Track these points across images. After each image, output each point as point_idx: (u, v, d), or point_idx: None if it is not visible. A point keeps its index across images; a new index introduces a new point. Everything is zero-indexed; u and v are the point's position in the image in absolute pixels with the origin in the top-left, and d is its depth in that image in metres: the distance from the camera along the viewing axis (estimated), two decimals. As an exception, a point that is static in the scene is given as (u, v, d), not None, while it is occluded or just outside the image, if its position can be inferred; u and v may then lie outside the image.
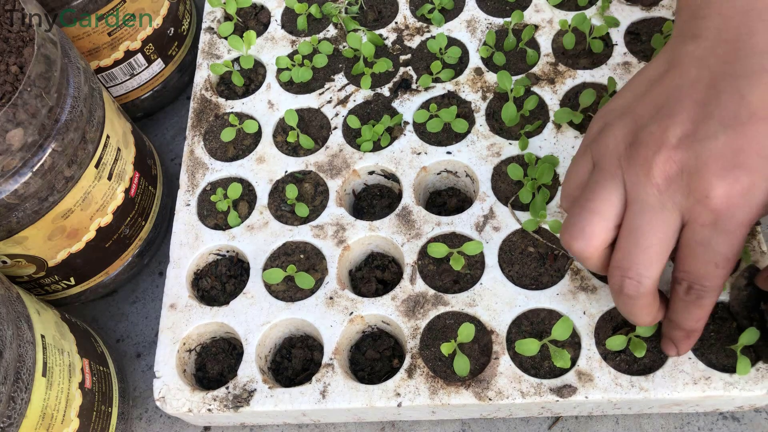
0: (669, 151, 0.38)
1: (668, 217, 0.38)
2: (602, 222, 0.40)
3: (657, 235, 0.39)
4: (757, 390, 0.45)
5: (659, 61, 0.43)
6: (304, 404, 0.49)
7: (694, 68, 0.40)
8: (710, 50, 0.40)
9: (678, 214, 0.38)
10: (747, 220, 0.37)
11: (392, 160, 0.57)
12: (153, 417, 0.60)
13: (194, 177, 0.59)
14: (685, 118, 0.38)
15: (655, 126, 0.39)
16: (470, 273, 0.52)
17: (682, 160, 0.38)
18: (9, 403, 0.42)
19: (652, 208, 0.39)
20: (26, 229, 0.50)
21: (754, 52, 0.38)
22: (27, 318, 0.46)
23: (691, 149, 0.37)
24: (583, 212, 0.41)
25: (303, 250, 0.55)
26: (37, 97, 0.45)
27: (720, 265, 0.38)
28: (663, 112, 0.39)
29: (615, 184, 0.40)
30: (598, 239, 0.40)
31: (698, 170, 0.37)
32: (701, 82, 0.39)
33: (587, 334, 0.48)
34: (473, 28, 0.62)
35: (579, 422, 0.54)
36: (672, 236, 0.39)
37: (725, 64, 0.39)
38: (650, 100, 0.41)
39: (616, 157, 0.40)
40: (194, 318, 0.53)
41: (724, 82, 0.38)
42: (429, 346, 0.50)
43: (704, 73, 0.39)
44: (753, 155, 0.36)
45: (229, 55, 0.65)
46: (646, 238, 0.39)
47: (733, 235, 0.37)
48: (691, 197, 0.37)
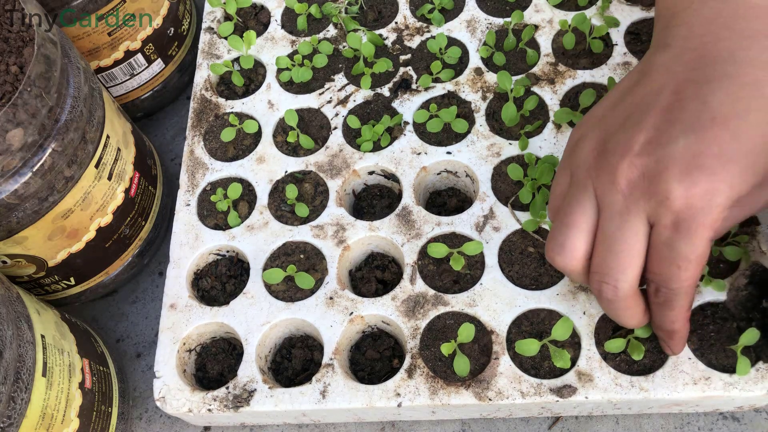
0: (632, 158, 0.39)
1: (635, 222, 0.39)
2: (579, 235, 0.41)
3: (627, 241, 0.39)
4: (757, 390, 0.45)
5: (633, 72, 0.44)
6: (304, 404, 0.49)
7: (662, 76, 0.41)
8: (676, 58, 0.41)
9: (644, 218, 0.39)
10: (708, 222, 0.37)
11: (392, 160, 0.57)
12: (153, 417, 0.60)
13: (194, 177, 0.59)
14: (649, 125, 0.39)
15: (621, 135, 0.40)
16: (470, 273, 0.52)
17: (643, 165, 0.38)
18: (9, 403, 0.42)
19: (620, 214, 0.39)
20: (26, 229, 0.50)
21: (717, 59, 0.39)
22: (27, 318, 0.46)
23: (653, 154, 0.38)
24: (561, 227, 0.42)
25: (303, 250, 0.55)
26: (37, 97, 0.45)
27: (682, 267, 0.38)
28: (630, 121, 0.40)
29: (587, 195, 0.41)
30: (578, 252, 0.42)
31: (658, 174, 0.38)
32: (667, 89, 0.40)
33: (587, 335, 0.48)
34: (473, 28, 0.62)
35: (579, 422, 0.54)
36: (642, 240, 0.39)
37: (690, 71, 0.40)
38: (620, 111, 0.42)
39: (587, 168, 0.41)
40: (194, 318, 0.53)
41: (688, 88, 0.39)
42: (429, 346, 0.50)
43: (670, 80, 0.40)
44: (712, 158, 0.36)
45: (229, 55, 0.65)
46: (618, 244, 0.40)
47: (694, 237, 0.37)
48: (652, 200, 0.38)
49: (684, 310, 0.42)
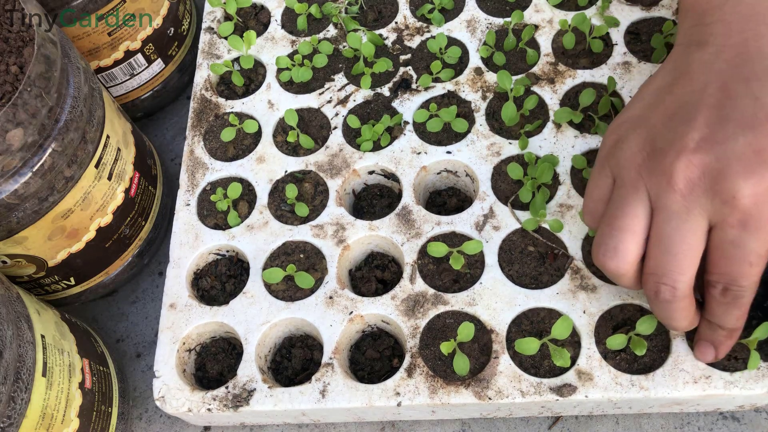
0: (689, 156, 0.38)
1: (695, 222, 0.39)
2: (633, 238, 0.41)
3: (686, 241, 0.39)
4: (757, 389, 0.45)
5: (666, 70, 0.43)
6: (304, 404, 0.49)
7: (704, 74, 0.40)
8: (717, 56, 0.40)
9: (705, 217, 0.38)
10: None
11: (392, 160, 0.57)
12: (153, 417, 0.60)
13: (194, 177, 0.59)
14: (701, 123, 0.39)
15: (671, 133, 0.39)
16: (470, 272, 0.52)
17: (703, 163, 0.38)
18: (9, 403, 0.42)
19: (678, 215, 0.39)
20: (26, 229, 0.50)
21: (762, 55, 0.39)
22: (27, 318, 0.46)
23: (711, 152, 0.38)
24: (612, 231, 0.41)
25: (303, 250, 0.55)
26: (37, 97, 0.45)
27: (754, 263, 0.38)
28: (678, 120, 0.40)
29: (639, 196, 0.40)
30: (631, 255, 0.41)
31: (721, 172, 0.37)
32: (712, 86, 0.39)
33: (587, 334, 0.48)
34: (473, 28, 0.62)
35: (579, 422, 0.54)
36: (701, 240, 0.39)
37: (735, 68, 0.39)
38: (663, 109, 0.41)
39: (636, 169, 0.41)
40: (194, 318, 0.53)
41: (737, 85, 0.39)
42: (429, 345, 0.50)
43: (714, 78, 0.40)
44: None
45: (229, 55, 0.65)
46: (676, 245, 0.39)
47: (764, 233, 0.37)
48: (716, 199, 0.38)
49: (748, 306, 0.41)
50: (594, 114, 0.56)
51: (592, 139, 0.55)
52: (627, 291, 0.49)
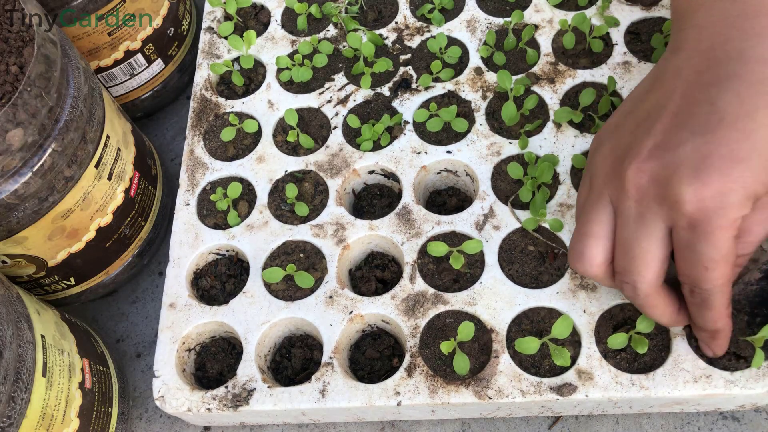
0: (639, 163, 0.39)
1: (650, 226, 0.39)
2: (597, 243, 0.42)
3: (641, 245, 0.40)
4: (758, 388, 0.45)
5: (647, 78, 0.44)
6: (304, 403, 0.49)
7: (672, 81, 0.41)
8: (686, 61, 0.41)
9: (661, 221, 0.39)
10: (725, 223, 0.37)
11: (392, 160, 0.57)
12: (153, 417, 0.60)
13: (194, 176, 0.59)
14: (658, 130, 0.39)
15: (633, 141, 0.41)
16: (470, 272, 0.52)
17: (651, 170, 0.39)
18: (9, 403, 0.42)
19: (633, 220, 0.40)
20: (26, 229, 0.50)
21: (726, 59, 0.39)
22: (27, 318, 0.46)
23: (661, 159, 0.38)
24: (579, 236, 0.43)
25: (303, 250, 0.55)
26: (37, 97, 0.45)
27: (710, 268, 0.38)
28: (642, 127, 0.41)
29: (602, 202, 0.42)
30: (596, 259, 0.42)
31: (667, 178, 0.38)
32: (677, 93, 0.40)
33: (587, 333, 0.48)
34: (473, 28, 0.62)
35: (579, 422, 0.54)
36: (659, 242, 0.40)
37: (699, 73, 0.40)
38: (634, 117, 0.42)
39: (602, 177, 0.42)
40: (194, 317, 0.53)
41: (696, 91, 0.39)
42: (429, 344, 0.50)
43: (680, 85, 0.40)
44: (721, 159, 0.36)
45: (229, 54, 0.65)
46: (633, 248, 0.40)
47: (712, 238, 0.37)
48: (665, 205, 0.38)
49: (723, 308, 0.41)
50: (594, 114, 0.56)
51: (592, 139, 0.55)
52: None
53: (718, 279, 0.39)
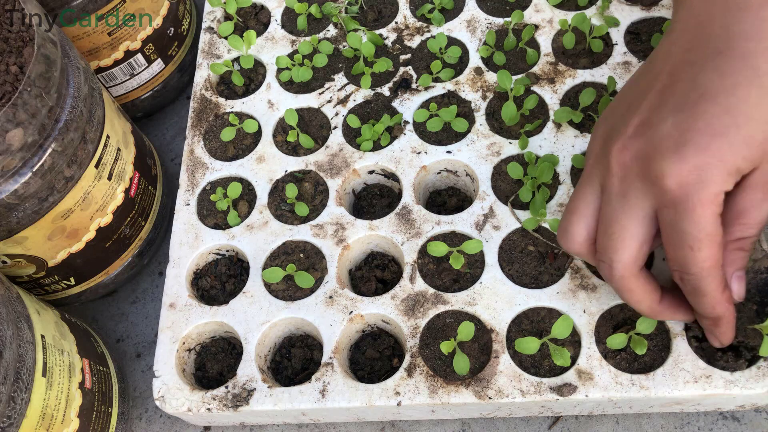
0: (624, 141, 0.40)
1: (633, 204, 0.39)
2: (580, 220, 0.43)
3: (620, 222, 0.40)
4: (758, 388, 0.45)
5: (644, 62, 0.44)
6: (304, 403, 0.49)
7: (661, 62, 0.41)
8: (675, 41, 0.41)
9: (645, 200, 0.39)
10: (706, 198, 0.36)
11: (392, 160, 0.57)
12: (153, 417, 0.60)
13: (194, 176, 0.59)
14: (644, 109, 0.40)
15: (621, 121, 0.41)
16: (470, 272, 0.52)
17: (634, 147, 0.39)
18: (9, 403, 0.42)
19: (616, 197, 0.40)
20: (26, 229, 0.50)
21: (711, 36, 0.39)
22: (27, 318, 0.46)
23: (643, 136, 0.39)
24: (565, 214, 0.44)
25: (303, 250, 0.55)
26: (37, 97, 0.45)
27: (695, 248, 0.37)
28: (631, 107, 0.41)
29: (591, 181, 0.42)
30: (579, 236, 0.43)
31: (648, 155, 0.38)
32: (663, 72, 0.40)
33: (587, 333, 0.48)
34: (473, 28, 0.62)
35: (579, 422, 0.54)
36: (639, 222, 0.39)
37: (685, 52, 0.40)
38: (625, 100, 0.42)
39: (593, 157, 0.43)
40: (194, 317, 0.53)
41: (681, 69, 0.39)
42: (429, 345, 0.50)
43: (668, 65, 0.40)
44: (699, 133, 0.36)
45: (229, 54, 0.65)
46: (612, 226, 0.40)
47: (694, 215, 0.37)
48: (647, 182, 0.38)
49: (718, 293, 0.40)
50: (594, 114, 0.56)
51: (594, 127, 0.55)
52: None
53: (705, 261, 0.38)
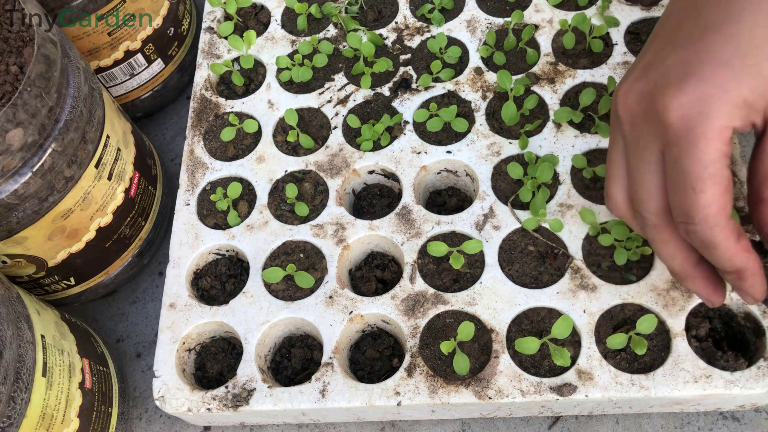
0: (628, 84, 0.39)
1: (646, 148, 0.38)
2: (616, 183, 0.42)
3: (639, 171, 0.39)
4: (758, 388, 0.45)
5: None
6: (304, 403, 0.49)
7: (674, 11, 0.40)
8: None
9: (654, 142, 0.38)
10: (709, 131, 0.34)
11: (392, 160, 0.57)
12: (153, 417, 0.60)
13: (194, 176, 0.59)
14: (650, 52, 0.39)
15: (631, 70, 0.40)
16: (470, 272, 0.52)
17: (638, 88, 0.38)
18: (9, 403, 0.42)
19: (631, 145, 0.39)
20: (26, 229, 0.50)
21: None
22: (27, 318, 0.46)
23: (647, 76, 0.38)
24: (605, 180, 0.43)
25: (303, 250, 0.55)
26: (37, 97, 0.45)
27: (697, 189, 0.35)
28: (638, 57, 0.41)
29: (614, 140, 0.41)
30: (618, 198, 0.42)
31: (651, 92, 0.37)
32: (672, 16, 0.40)
33: (587, 333, 0.48)
34: (473, 28, 0.62)
35: (579, 422, 0.54)
36: (654, 168, 0.38)
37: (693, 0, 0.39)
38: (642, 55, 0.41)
39: (612, 116, 0.42)
40: (194, 317, 0.53)
41: (687, 13, 0.38)
42: (429, 345, 0.50)
43: (678, 12, 0.40)
44: (701, 64, 0.35)
45: (229, 54, 0.65)
46: (634, 176, 0.40)
47: (697, 150, 0.35)
48: (652, 121, 0.37)
49: (731, 242, 0.36)
50: (594, 114, 0.56)
51: (592, 139, 0.55)
52: (627, 290, 0.49)
53: (710, 205, 0.35)
